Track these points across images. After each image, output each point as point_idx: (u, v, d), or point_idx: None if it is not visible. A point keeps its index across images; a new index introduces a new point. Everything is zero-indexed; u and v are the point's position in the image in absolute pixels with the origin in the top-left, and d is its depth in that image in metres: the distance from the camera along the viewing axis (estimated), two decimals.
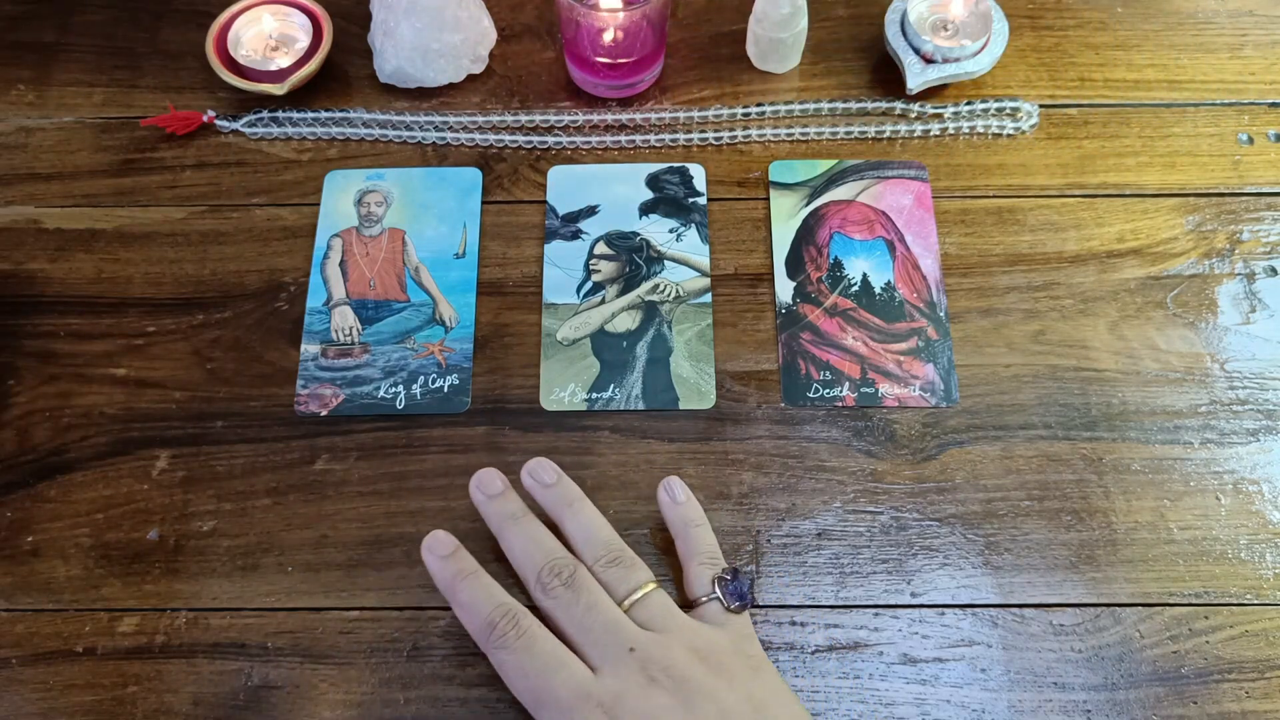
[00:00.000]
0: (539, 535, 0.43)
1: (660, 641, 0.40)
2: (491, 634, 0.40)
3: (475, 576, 0.42)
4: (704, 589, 0.43)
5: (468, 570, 0.42)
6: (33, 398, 0.52)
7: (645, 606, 0.41)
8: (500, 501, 0.44)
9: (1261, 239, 0.56)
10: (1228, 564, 0.48)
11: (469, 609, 0.41)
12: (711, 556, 0.44)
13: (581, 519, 0.44)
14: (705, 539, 0.45)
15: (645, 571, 0.43)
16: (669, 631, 0.41)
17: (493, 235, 0.56)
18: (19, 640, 0.46)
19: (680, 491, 0.46)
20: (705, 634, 0.41)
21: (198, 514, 0.49)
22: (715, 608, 0.43)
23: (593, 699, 0.38)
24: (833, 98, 0.60)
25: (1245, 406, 0.51)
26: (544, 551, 0.43)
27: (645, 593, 0.42)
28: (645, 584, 0.42)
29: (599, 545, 0.43)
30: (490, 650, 0.41)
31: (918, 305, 0.54)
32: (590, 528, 0.44)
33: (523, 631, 0.40)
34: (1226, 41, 0.62)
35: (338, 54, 0.62)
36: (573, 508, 0.44)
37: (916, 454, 0.50)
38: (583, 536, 0.44)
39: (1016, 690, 0.45)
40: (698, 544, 0.44)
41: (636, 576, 0.42)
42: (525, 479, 0.45)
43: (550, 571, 0.42)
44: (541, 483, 0.45)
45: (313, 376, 0.52)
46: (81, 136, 0.59)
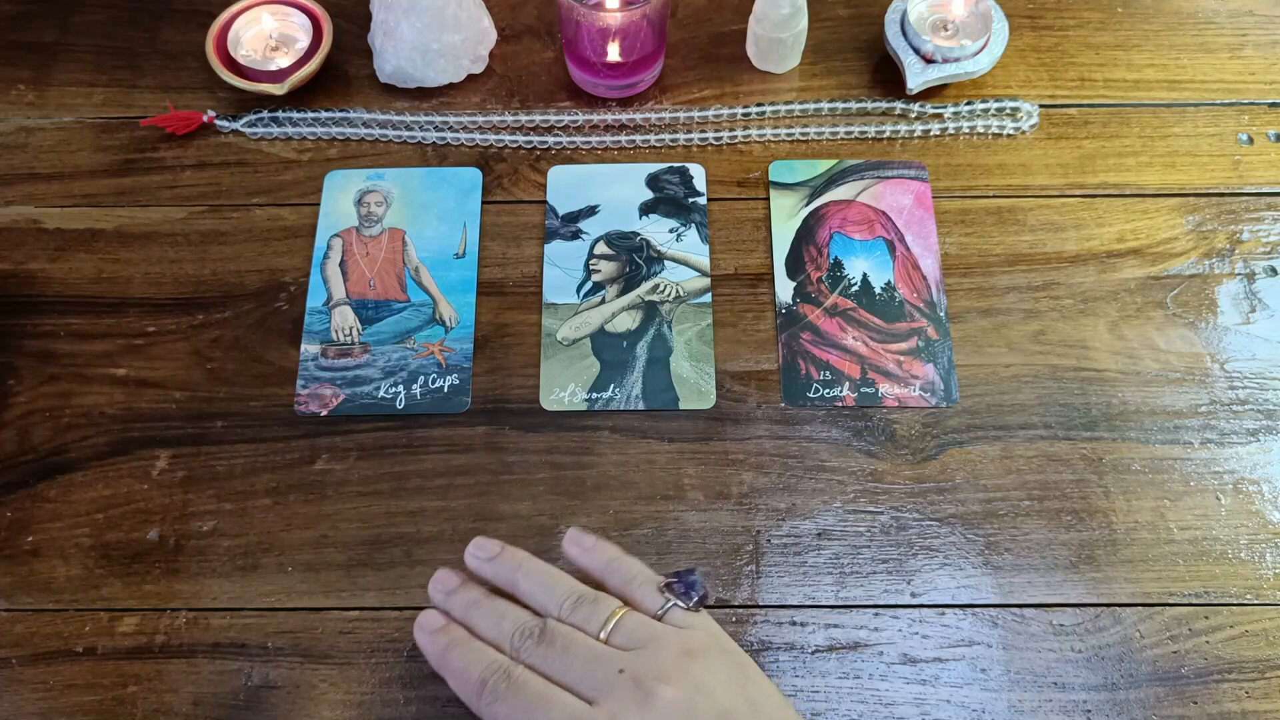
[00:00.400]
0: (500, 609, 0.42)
1: (648, 654, 0.39)
2: (484, 690, 0.39)
3: (467, 644, 0.41)
4: (656, 602, 0.42)
5: (458, 640, 0.42)
6: (33, 398, 0.52)
7: (621, 630, 0.41)
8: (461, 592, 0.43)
9: (1261, 239, 0.56)
10: (1228, 564, 0.48)
11: (460, 674, 0.41)
12: (646, 576, 0.43)
13: (533, 576, 0.43)
14: (631, 565, 0.44)
15: (611, 600, 0.42)
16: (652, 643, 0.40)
17: (493, 235, 0.56)
18: (19, 640, 0.46)
19: (587, 539, 0.45)
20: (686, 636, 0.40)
21: (198, 514, 0.49)
22: (677, 614, 0.42)
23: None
24: (833, 98, 0.60)
25: (1245, 406, 0.51)
26: (509, 621, 0.42)
27: (618, 619, 0.41)
28: (615, 611, 0.41)
29: (558, 594, 0.42)
30: (484, 709, 0.40)
31: (918, 305, 0.54)
32: (543, 581, 0.43)
33: (513, 680, 0.39)
34: (1226, 41, 0.62)
35: (338, 54, 0.62)
36: (522, 569, 0.43)
37: (916, 454, 0.50)
38: (540, 592, 0.43)
39: (1016, 690, 0.45)
40: (626, 572, 0.43)
41: (604, 608, 0.41)
42: (469, 560, 0.44)
43: (521, 636, 0.41)
44: (485, 558, 0.44)
45: (313, 376, 0.52)
46: (81, 136, 0.59)
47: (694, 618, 0.41)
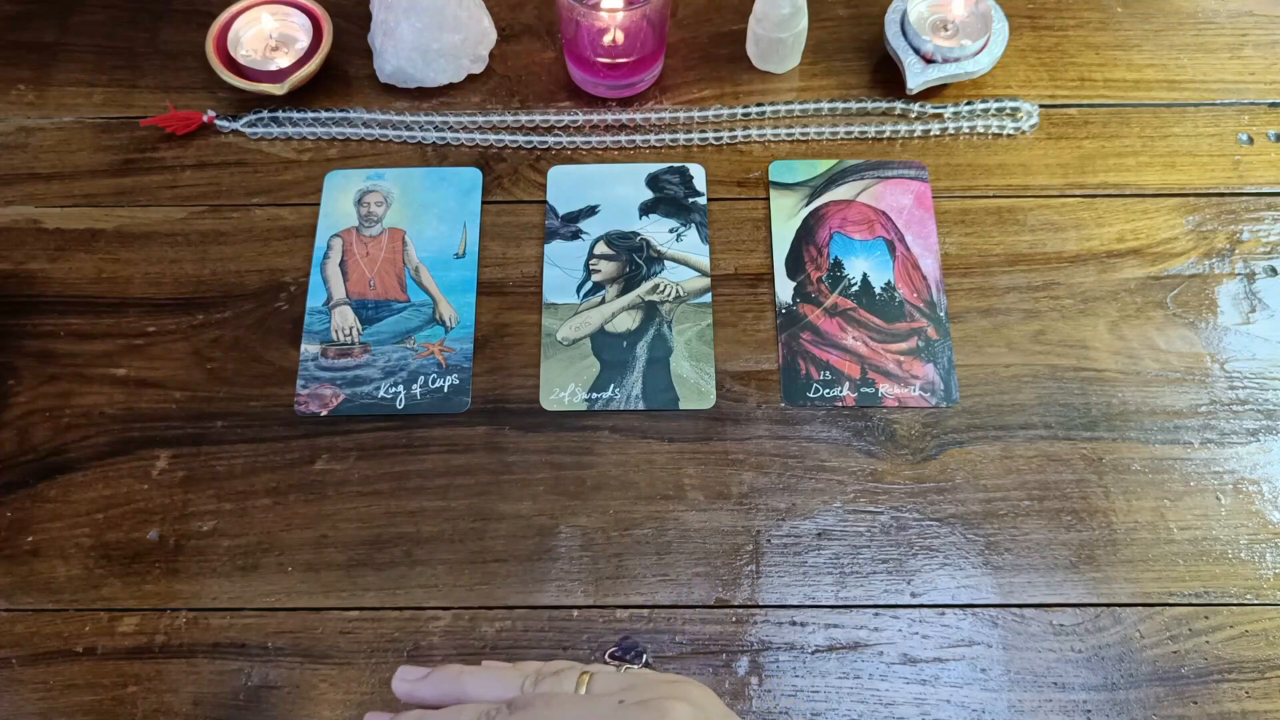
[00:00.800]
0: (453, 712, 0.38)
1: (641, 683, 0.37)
2: None
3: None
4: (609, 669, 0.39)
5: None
6: (33, 398, 0.52)
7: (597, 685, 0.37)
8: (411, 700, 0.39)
9: (1261, 239, 0.56)
10: (1228, 564, 0.48)
11: None
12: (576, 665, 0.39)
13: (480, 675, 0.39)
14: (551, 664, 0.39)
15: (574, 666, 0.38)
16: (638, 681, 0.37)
17: (493, 235, 0.56)
18: (19, 640, 0.46)
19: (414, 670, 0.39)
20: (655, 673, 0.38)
21: (198, 514, 0.49)
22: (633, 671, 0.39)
23: None
24: (833, 98, 0.60)
25: (1245, 406, 0.51)
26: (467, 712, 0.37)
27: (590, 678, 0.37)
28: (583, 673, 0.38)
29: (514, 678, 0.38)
30: None
31: (918, 305, 0.54)
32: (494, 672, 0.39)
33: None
34: (1226, 41, 0.62)
35: (338, 54, 0.62)
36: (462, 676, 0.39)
37: (916, 454, 0.50)
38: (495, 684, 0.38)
39: (1016, 690, 0.45)
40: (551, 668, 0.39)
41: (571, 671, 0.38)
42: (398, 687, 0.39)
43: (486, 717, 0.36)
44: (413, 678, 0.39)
45: (313, 376, 0.52)
46: (81, 136, 0.59)
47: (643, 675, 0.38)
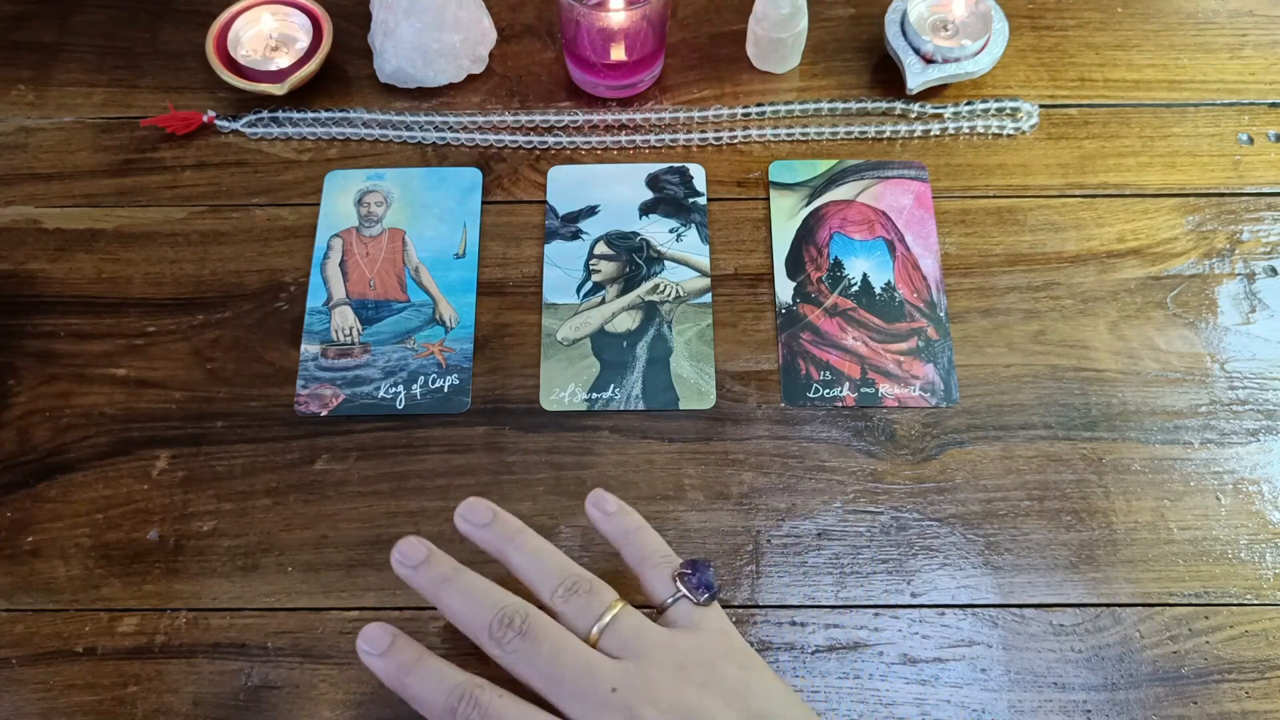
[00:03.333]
0: (478, 588, 0.39)
1: (641, 672, 0.37)
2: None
3: (420, 665, 0.38)
4: (667, 590, 0.39)
5: (410, 661, 0.38)
6: (33, 398, 0.52)
7: (615, 632, 0.38)
8: (427, 566, 0.40)
9: (1261, 239, 0.56)
10: (1228, 564, 0.48)
11: (423, 703, 0.37)
12: (663, 556, 0.41)
13: (526, 551, 0.40)
14: (650, 540, 0.41)
15: (608, 591, 0.39)
16: (646, 654, 0.37)
17: (493, 235, 0.56)
18: (19, 640, 0.46)
19: (610, 502, 0.42)
20: (684, 644, 0.38)
21: (198, 514, 0.49)
22: (684, 606, 0.39)
23: None
24: (833, 98, 0.60)
25: (1245, 406, 0.51)
26: (488, 604, 0.38)
27: (613, 615, 0.38)
28: (611, 606, 0.38)
29: (552, 575, 0.39)
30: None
31: (918, 305, 0.54)
32: (538, 558, 0.40)
33: (485, 709, 0.36)
34: (1226, 41, 0.62)
35: (338, 54, 0.62)
36: (515, 542, 0.40)
37: (916, 454, 0.50)
38: (532, 569, 0.40)
39: (1016, 690, 0.45)
40: (644, 547, 0.41)
41: (600, 600, 0.38)
42: (460, 524, 0.41)
43: (501, 624, 0.37)
44: (477, 524, 0.41)
45: (313, 376, 0.52)
46: (81, 136, 0.59)
47: (700, 612, 0.39)
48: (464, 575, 0.39)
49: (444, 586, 0.39)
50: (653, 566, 0.40)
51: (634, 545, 0.41)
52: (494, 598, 0.38)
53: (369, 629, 0.39)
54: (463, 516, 0.41)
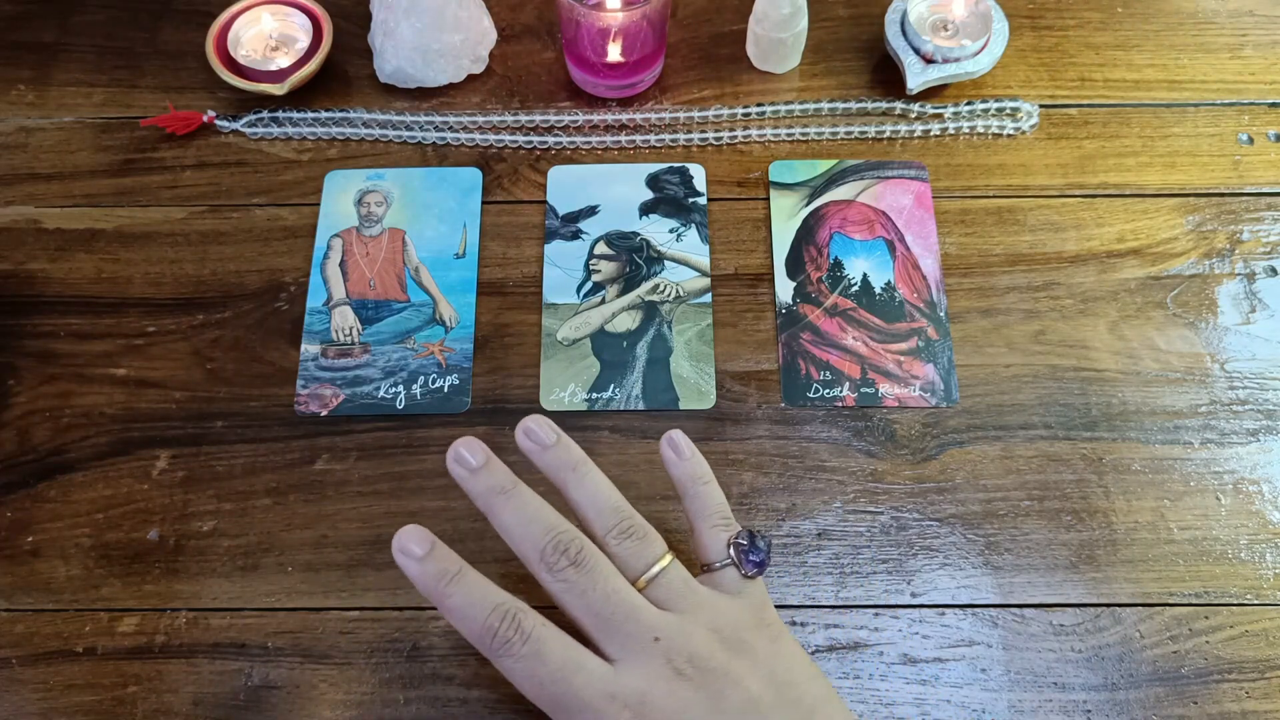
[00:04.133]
0: (536, 508, 0.39)
1: (683, 628, 0.37)
2: (493, 641, 0.37)
3: (461, 577, 0.37)
4: (719, 553, 0.40)
5: (451, 571, 0.38)
6: (33, 398, 0.52)
7: (662, 584, 0.38)
8: (485, 475, 0.39)
9: (1261, 239, 0.56)
10: (1228, 564, 0.48)
11: (461, 616, 0.37)
12: (724, 517, 0.41)
13: (587, 485, 0.40)
14: (715, 497, 0.41)
15: (659, 543, 0.40)
16: (688, 612, 0.38)
17: (493, 235, 0.56)
18: (19, 640, 0.46)
19: (685, 446, 0.42)
20: (724, 609, 0.39)
21: (198, 514, 0.49)
22: (731, 574, 0.40)
23: (618, 700, 0.36)
24: (833, 98, 0.60)
25: (1245, 406, 0.51)
26: (545, 527, 0.38)
27: (662, 568, 0.39)
28: (660, 558, 0.39)
29: (608, 514, 0.39)
30: (495, 659, 0.37)
31: (918, 305, 0.54)
32: (598, 494, 0.40)
33: (527, 635, 0.36)
34: (1226, 41, 0.62)
35: (338, 54, 0.62)
36: (577, 472, 0.40)
37: (916, 454, 0.50)
38: (590, 505, 0.40)
39: (1016, 690, 0.45)
40: (707, 503, 0.41)
41: (651, 550, 0.39)
42: (521, 440, 0.41)
43: (555, 549, 0.37)
44: (540, 444, 0.41)
45: (313, 376, 0.52)
46: (81, 136, 0.59)
47: (742, 583, 0.40)
48: (521, 490, 0.39)
49: (499, 498, 0.39)
50: (712, 526, 0.41)
51: (699, 498, 0.41)
52: (550, 520, 0.38)
53: (406, 530, 0.38)
54: (525, 434, 0.41)
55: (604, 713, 0.36)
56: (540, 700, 0.37)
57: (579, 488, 0.40)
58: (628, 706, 0.36)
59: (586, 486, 0.40)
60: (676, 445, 0.43)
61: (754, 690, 0.37)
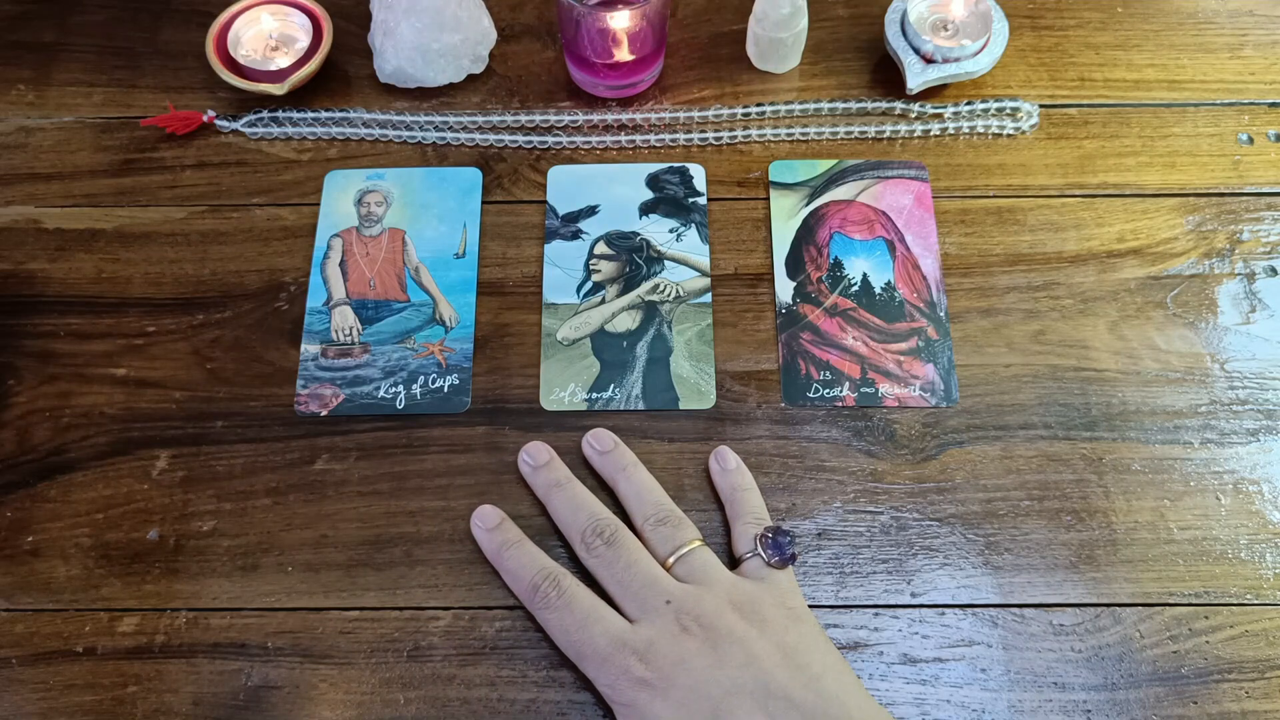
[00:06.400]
0: (582, 498, 0.46)
1: (696, 594, 0.43)
2: (535, 595, 0.44)
3: (520, 545, 0.46)
4: (747, 545, 0.45)
5: (512, 540, 0.46)
6: (33, 398, 0.52)
7: (687, 562, 0.44)
8: (546, 470, 0.47)
9: (1261, 239, 0.56)
10: (1228, 564, 0.48)
11: (514, 575, 0.45)
12: (757, 517, 0.46)
13: (634, 481, 0.47)
14: (752, 501, 0.47)
15: (692, 530, 0.45)
16: (708, 585, 0.43)
17: (493, 235, 0.56)
18: (19, 640, 0.46)
19: (730, 459, 0.48)
20: (744, 588, 0.43)
21: (198, 514, 0.49)
22: (757, 563, 0.45)
23: (627, 646, 0.41)
24: (833, 98, 0.60)
25: (1245, 406, 0.51)
26: (587, 513, 0.45)
27: (689, 549, 0.44)
28: (690, 541, 0.45)
29: (649, 505, 0.46)
30: (535, 611, 0.44)
31: (918, 305, 0.54)
32: (642, 489, 0.47)
33: (563, 591, 0.43)
34: (1226, 41, 0.62)
35: (338, 54, 0.62)
36: (625, 471, 0.47)
37: (916, 454, 0.50)
38: (634, 497, 0.46)
39: (1016, 690, 0.45)
40: (744, 505, 0.47)
41: (682, 535, 0.45)
42: (585, 447, 0.49)
43: (593, 531, 0.45)
44: (598, 450, 0.48)
45: (313, 376, 0.52)
46: (81, 136, 0.59)
47: (765, 573, 0.44)
48: (573, 484, 0.47)
49: (555, 490, 0.47)
50: (745, 523, 0.46)
51: (737, 502, 0.47)
52: (593, 509, 0.46)
53: (483, 509, 0.47)
54: (589, 442, 0.49)
55: (614, 657, 0.41)
56: (567, 649, 0.43)
57: (627, 483, 0.47)
58: (635, 652, 0.41)
59: (633, 483, 0.47)
60: (723, 459, 0.49)
61: (757, 649, 0.41)
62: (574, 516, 0.46)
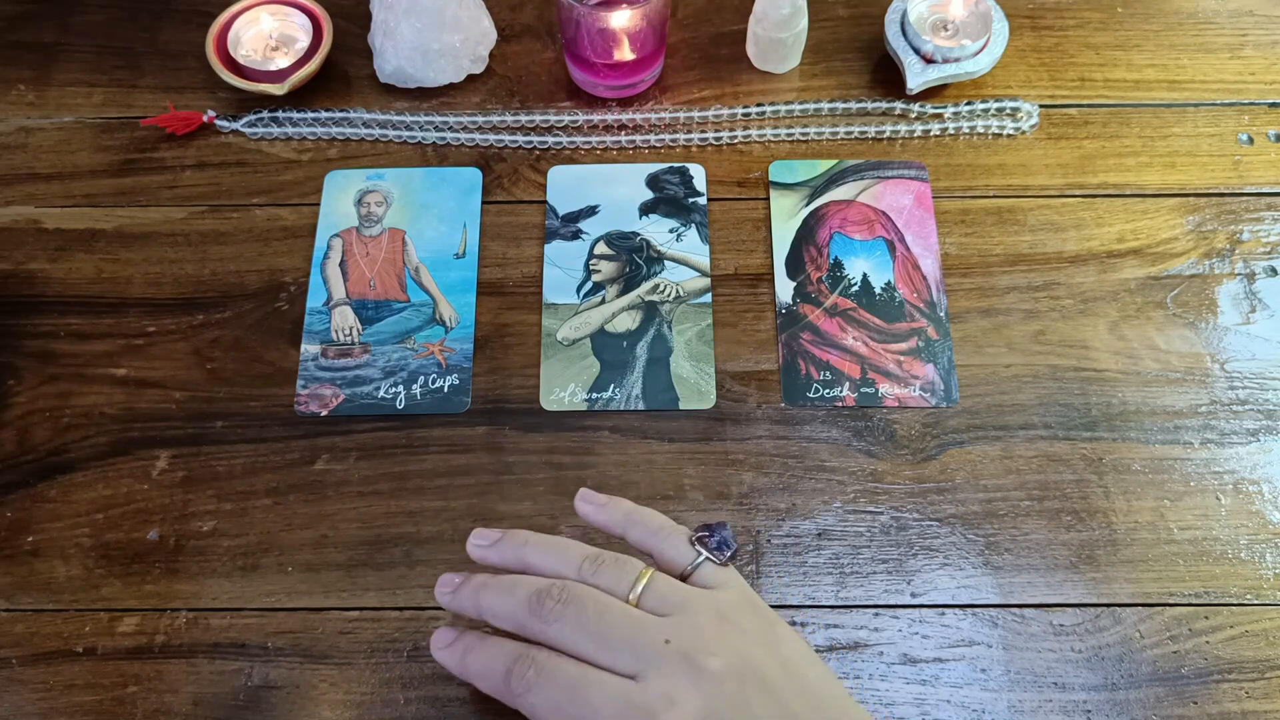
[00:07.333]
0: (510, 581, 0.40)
1: (689, 622, 0.37)
2: (511, 682, 0.37)
3: (481, 642, 0.40)
4: (687, 555, 0.40)
5: (472, 643, 0.40)
6: (33, 398, 0.52)
7: (653, 593, 0.38)
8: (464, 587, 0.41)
9: (1261, 239, 0.56)
10: (1228, 564, 0.48)
11: (484, 671, 0.39)
12: (672, 527, 0.41)
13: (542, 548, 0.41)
14: (653, 516, 0.42)
15: (635, 560, 0.40)
16: (688, 608, 0.38)
17: (493, 235, 0.56)
18: (19, 640, 0.46)
19: (597, 496, 0.43)
20: (718, 598, 0.39)
21: (198, 514, 0.49)
22: (708, 569, 0.40)
23: (643, 710, 0.35)
24: (833, 98, 0.60)
25: (1245, 406, 0.51)
26: (526, 587, 0.39)
27: (647, 580, 0.39)
28: (642, 573, 0.39)
29: (573, 558, 0.40)
30: (517, 701, 0.38)
31: (918, 305, 0.54)
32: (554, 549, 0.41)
33: (540, 667, 0.37)
34: (1226, 41, 0.62)
35: (338, 54, 0.62)
36: (529, 545, 0.41)
37: (916, 454, 0.50)
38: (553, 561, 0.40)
39: (1016, 690, 0.45)
40: (649, 523, 0.41)
41: (631, 567, 0.39)
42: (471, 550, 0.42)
43: (539, 598, 0.38)
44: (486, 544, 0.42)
45: (313, 376, 0.52)
46: (81, 136, 0.59)
47: (723, 573, 0.40)
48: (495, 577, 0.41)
49: (482, 592, 0.40)
50: (666, 537, 0.41)
51: (638, 525, 0.42)
52: (529, 582, 0.39)
53: (439, 632, 0.41)
54: (473, 543, 0.42)
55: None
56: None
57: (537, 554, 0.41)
58: (656, 715, 0.35)
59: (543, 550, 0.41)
60: (591, 497, 0.43)
61: (763, 668, 0.37)
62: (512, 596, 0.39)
